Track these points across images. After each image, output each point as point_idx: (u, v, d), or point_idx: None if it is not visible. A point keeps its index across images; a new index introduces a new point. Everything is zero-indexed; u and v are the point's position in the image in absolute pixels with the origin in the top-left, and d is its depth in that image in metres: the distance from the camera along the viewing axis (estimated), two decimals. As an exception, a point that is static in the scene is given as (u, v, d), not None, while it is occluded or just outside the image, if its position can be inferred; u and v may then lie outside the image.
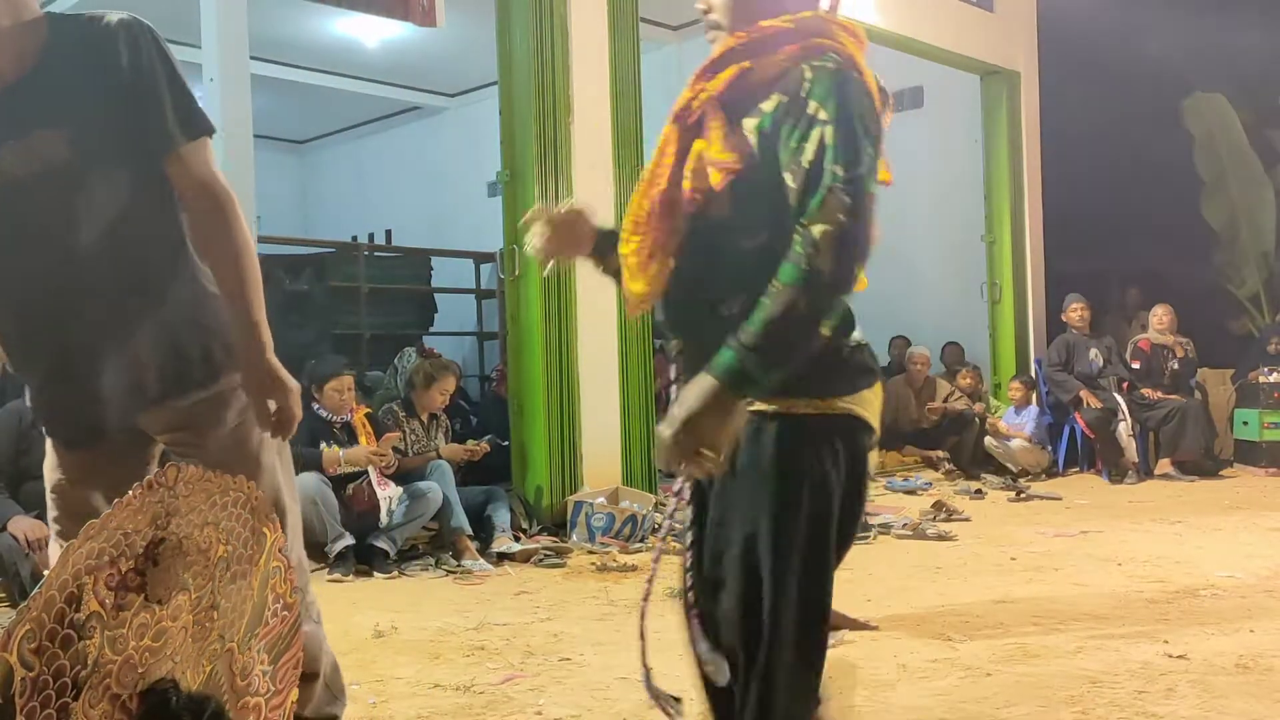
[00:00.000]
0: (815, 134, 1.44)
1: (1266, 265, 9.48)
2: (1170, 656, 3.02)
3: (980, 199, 8.89)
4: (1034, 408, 7.72)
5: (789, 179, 1.46)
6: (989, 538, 5.15)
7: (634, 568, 4.44)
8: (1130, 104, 9.30)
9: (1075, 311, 7.85)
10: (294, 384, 1.88)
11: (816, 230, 1.38)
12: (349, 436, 4.86)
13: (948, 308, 9.11)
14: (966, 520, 5.68)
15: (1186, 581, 4.03)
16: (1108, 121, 9.34)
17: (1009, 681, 2.85)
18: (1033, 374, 8.25)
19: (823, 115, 1.44)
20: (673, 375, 1.74)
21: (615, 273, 1.75)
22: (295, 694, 2.03)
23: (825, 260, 1.38)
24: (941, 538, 5.13)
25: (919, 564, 4.53)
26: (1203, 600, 3.74)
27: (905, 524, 5.35)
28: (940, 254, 9.14)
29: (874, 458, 1.63)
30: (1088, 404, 7.49)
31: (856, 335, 1.59)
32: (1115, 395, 7.61)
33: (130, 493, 1.59)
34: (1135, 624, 3.42)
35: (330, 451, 4.72)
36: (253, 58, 8.16)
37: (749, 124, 1.51)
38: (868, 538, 5.12)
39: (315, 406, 4.90)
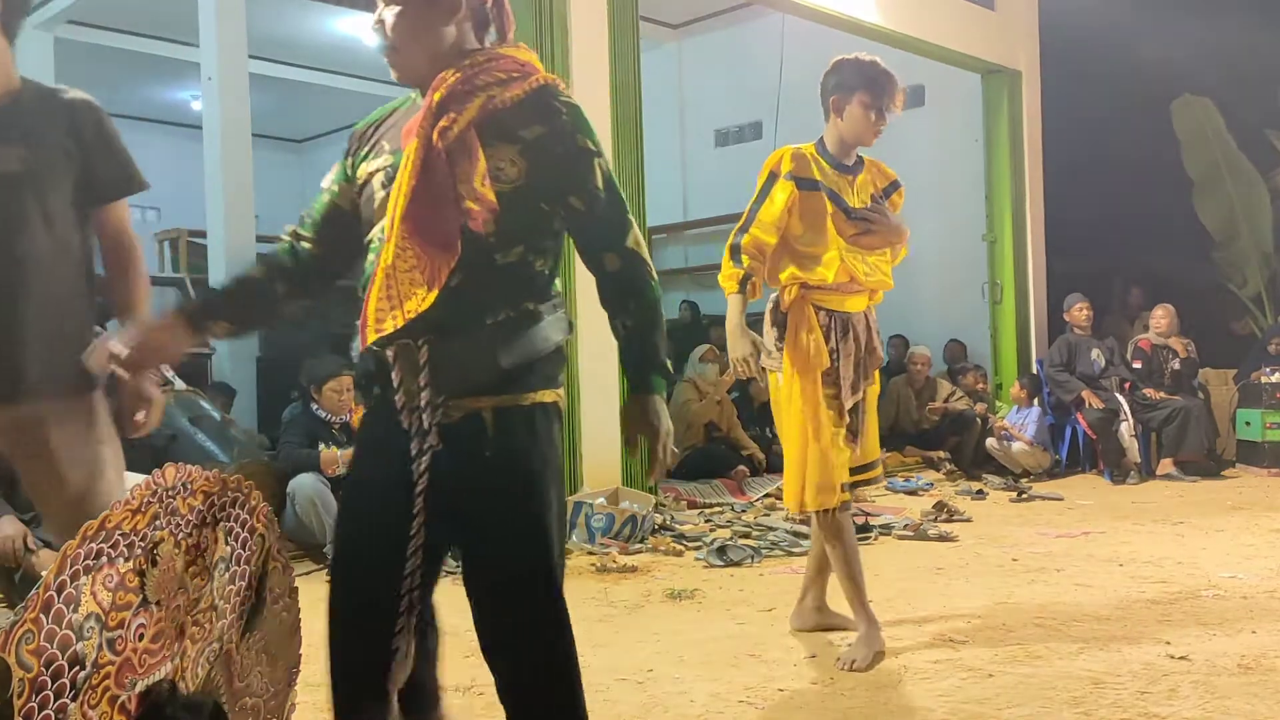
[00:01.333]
0: (596, 164, 1.71)
1: (1268, 265, 9.47)
2: (1172, 657, 3.02)
3: (981, 198, 8.87)
4: (1036, 409, 7.70)
5: (576, 202, 1.70)
6: (990, 538, 5.14)
7: (634, 569, 4.43)
8: (1132, 103, 9.27)
9: (1081, 311, 7.82)
10: (160, 398, 2.23)
11: (640, 249, 1.73)
12: (348, 437, 4.85)
13: (948, 307, 9.10)
14: (968, 521, 5.66)
15: (1189, 582, 4.02)
16: (1110, 120, 9.32)
17: (1011, 682, 2.84)
18: (1034, 374, 8.24)
19: (591, 147, 1.71)
20: (395, 380, 1.69)
21: (247, 322, 1.96)
22: (294, 694, 2.03)
23: (654, 270, 1.76)
24: (943, 538, 5.12)
25: (920, 565, 4.52)
26: (1205, 601, 3.73)
27: (906, 525, 5.34)
28: (941, 253, 9.13)
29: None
30: (1089, 404, 7.48)
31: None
32: (1117, 396, 7.60)
33: (130, 492, 1.59)
34: (1137, 625, 3.41)
35: (329, 452, 4.72)
36: (252, 57, 8.19)
37: (511, 150, 1.66)
38: (868, 538, 5.11)
39: (314, 407, 4.90)
